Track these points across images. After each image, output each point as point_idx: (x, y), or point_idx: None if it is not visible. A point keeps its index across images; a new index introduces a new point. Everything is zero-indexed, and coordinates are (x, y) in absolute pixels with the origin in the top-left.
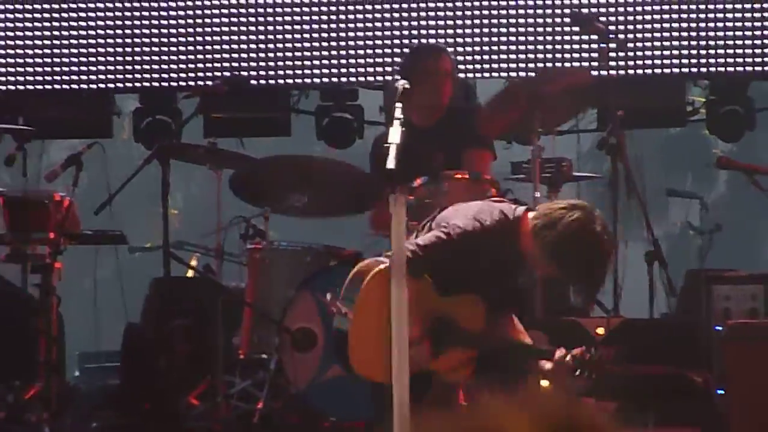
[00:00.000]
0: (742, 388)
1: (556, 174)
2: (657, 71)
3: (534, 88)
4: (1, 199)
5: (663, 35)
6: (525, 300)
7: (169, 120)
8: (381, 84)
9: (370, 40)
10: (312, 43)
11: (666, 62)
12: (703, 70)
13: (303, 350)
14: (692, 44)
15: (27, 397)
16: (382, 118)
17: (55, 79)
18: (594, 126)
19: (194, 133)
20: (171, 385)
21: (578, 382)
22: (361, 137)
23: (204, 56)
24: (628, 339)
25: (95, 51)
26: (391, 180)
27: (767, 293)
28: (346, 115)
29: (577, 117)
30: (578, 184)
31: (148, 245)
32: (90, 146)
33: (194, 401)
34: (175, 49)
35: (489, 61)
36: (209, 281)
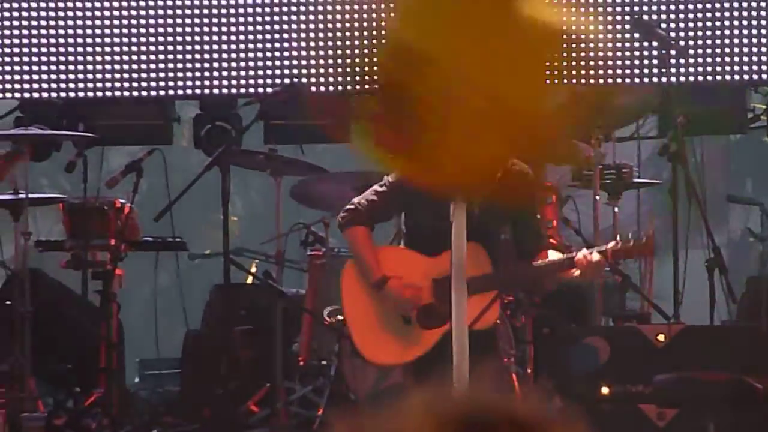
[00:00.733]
0: None
1: (616, 180)
2: (718, 78)
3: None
4: (61, 205)
5: (724, 41)
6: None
7: (228, 127)
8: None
9: None
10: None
11: (727, 68)
12: (764, 77)
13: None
14: (753, 51)
15: (87, 403)
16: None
17: (115, 86)
18: (654, 133)
19: (254, 139)
20: (231, 391)
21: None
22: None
23: (264, 63)
24: (689, 345)
25: (155, 58)
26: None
27: None
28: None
29: (636, 122)
30: (638, 191)
31: (207, 252)
32: (150, 153)
33: (254, 408)
34: (235, 55)
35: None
36: (269, 288)
